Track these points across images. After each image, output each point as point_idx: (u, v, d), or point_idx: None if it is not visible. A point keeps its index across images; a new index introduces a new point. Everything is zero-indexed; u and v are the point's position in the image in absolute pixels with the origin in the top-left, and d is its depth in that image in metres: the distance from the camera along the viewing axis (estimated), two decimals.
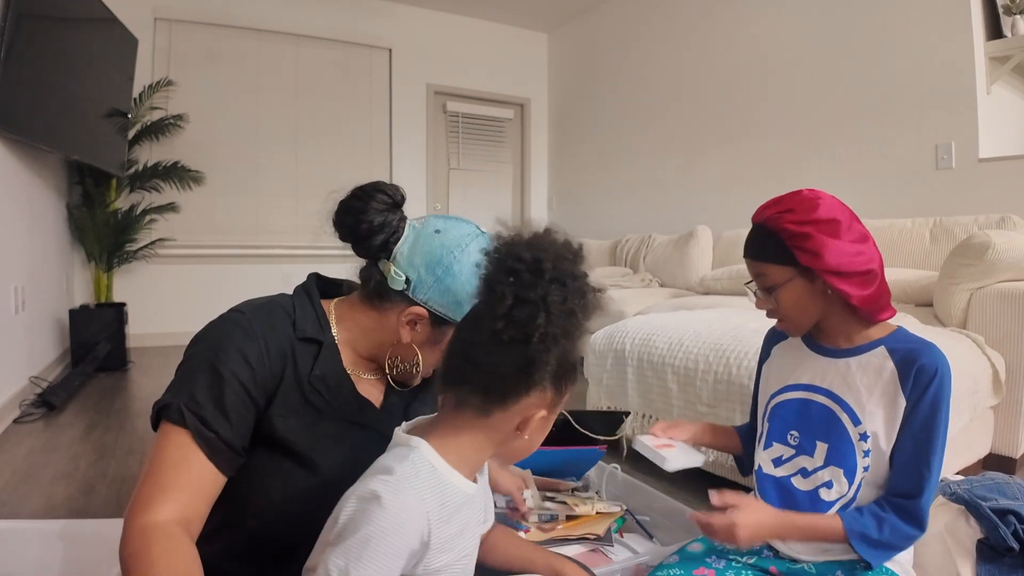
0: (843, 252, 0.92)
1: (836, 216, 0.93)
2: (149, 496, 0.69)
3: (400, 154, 5.25)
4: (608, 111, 5.17)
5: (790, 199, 0.96)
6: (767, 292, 0.99)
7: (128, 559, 0.66)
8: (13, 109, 2.52)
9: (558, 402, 0.70)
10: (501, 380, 0.65)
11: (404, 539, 0.61)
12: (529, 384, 0.65)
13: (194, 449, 0.72)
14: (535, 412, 0.67)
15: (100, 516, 1.56)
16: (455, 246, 0.82)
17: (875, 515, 0.91)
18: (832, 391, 1.00)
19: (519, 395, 0.66)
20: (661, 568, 1.01)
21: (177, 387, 0.75)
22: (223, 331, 0.78)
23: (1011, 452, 1.87)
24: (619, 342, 2.03)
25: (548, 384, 0.67)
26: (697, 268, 3.79)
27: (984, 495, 1.17)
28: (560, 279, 0.63)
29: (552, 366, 0.65)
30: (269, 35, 4.76)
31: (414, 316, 0.82)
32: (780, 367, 1.11)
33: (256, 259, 4.68)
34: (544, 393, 0.67)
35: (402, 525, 0.61)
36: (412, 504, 0.62)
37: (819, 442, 1.00)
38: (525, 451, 0.73)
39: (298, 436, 0.78)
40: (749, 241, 1.01)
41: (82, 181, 3.91)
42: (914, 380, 0.92)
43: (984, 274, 1.91)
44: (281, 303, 0.85)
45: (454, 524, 0.67)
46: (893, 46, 3.12)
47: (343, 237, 0.85)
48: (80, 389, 3.01)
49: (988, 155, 2.81)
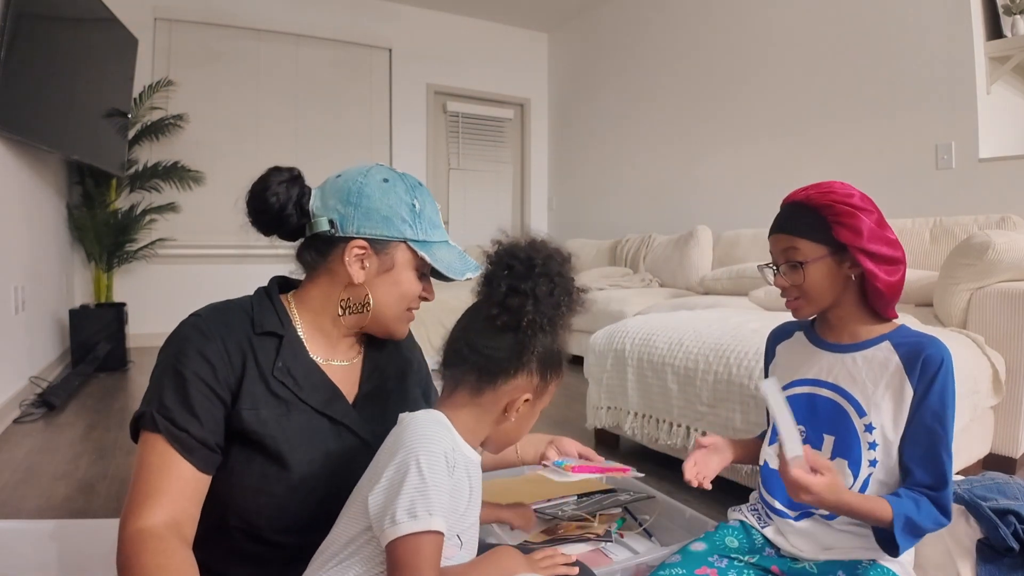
0: (879, 236, 0.96)
1: (872, 207, 0.98)
2: (137, 504, 0.72)
3: (400, 154, 5.25)
4: (608, 111, 5.17)
5: (828, 184, 0.99)
6: (792, 268, 0.99)
7: (122, 566, 0.69)
8: (13, 109, 2.52)
9: (543, 390, 0.78)
10: (494, 362, 0.74)
11: (443, 452, 0.69)
12: (518, 366, 0.74)
13: (171, 452, 0.75)
14: (521, 395, 0.76)
15: (100, 516, 1.56)
16: (357, 175, 0.87)
17: (912, 498, 0.91)
18: (838, 385, 1.01)
19: (508, 376, 0.75)
20: (663, 567, 1.01)
21: (148, 396, 0.79)
22: (182, 335, 0.81)
23: (1011, 452, 1.87)
24: (619, 342, 2.03)
25: (534, 369, 0.75)
26: (697, 268, 3.79)
27: (984, 495, 1.17)
28: (549, 275, 0.73)
29: (538, 352, 0.74)
30: (269, 35, 4.76)
31: (357, 250, 0.84)
32: (786, 364, 1.11)
33: (256, 259, 4.67)
34: (531, 378, 0.76)
35: (439, 443, 0.69)
36: (437, 432, 0.71)
37: (826, 435, 1.01)
38: (513, 436, 0.81)
39: (267, 428, 0.79)
40: (784, 217, 1.02)
41: (82, 181, 3.91)
42: (921, 370, 0.93)
43: (984, 274, 1.91)
44: (239, 303, 0.87)
45: (465, 482, 0.73)
46: (893, 46, 3.12)
47: (263, 226, 0.89)
48: (80, 389, 3.01)
49: (988, 155, 2.81)
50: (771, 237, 1.03)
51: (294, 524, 0.80)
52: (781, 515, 1.04)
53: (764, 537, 1.06)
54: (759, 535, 1.06)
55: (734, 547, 1.04)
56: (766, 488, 1.07)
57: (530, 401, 0.77)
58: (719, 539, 1.06)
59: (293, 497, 0.79)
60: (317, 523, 0.77)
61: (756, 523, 1.07)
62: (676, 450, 1.83)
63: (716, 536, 1.06)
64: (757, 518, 1.08)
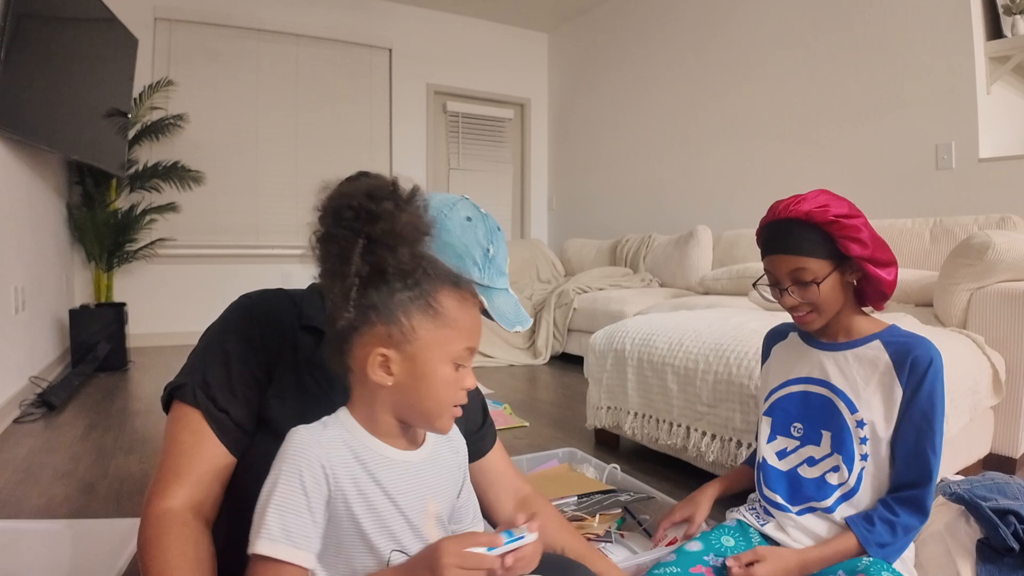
0: (877, 241, 0.98)
1: (860, 212, 1.00)
2: (166, 482, 0.73)
3: (400, 154, 5.25)
4: (608, 111, 5.16)
5: (817, 196, 0.99)
6: (803, 286, 0.99)
7: (144, 545, 0.69)
8: (13, 109, 2.51)
9: (404, 338, 0.66)
10: (333, 332, 0.67)
11: (309, 473, 0.64)
12: (349, 326, 0.65)
13: (206, 431, 0.75)
14: (371, 350, 0.66)
15: (100, 516, 1.56)
16: (443, 206, 0.88)
17: (886, 520, 0.95)
18: (830, 381, 1.03)
19: (346, 339, 0.67)
20: (659, 567, 1.01)
21: (189, 369, 0.79)
22: (230, 317, 0.83)
23: (1011, 452, 1.87)
24: (619, 342, 2.03)
25: (375, 319, 0.65)
26: (697, 268, 3.79)
27: (984, 495, 1.17)
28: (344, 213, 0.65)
29: (365, 302, 0.65)
30: (269, 35, 4.76)
31: None
32: (780, 364, 1.13)
33: (256, 259, 4.68)
34: (373, 329, 0.66)
35: (303, 463, 0.65)
36: (310, 448, 0.66)
37: (823, 431, 1.03)
38: (422, 403, 0.69)
39: (287, 420, 0.79)
40: (785, 237, 1.00)
41: (82, 181, 3.91)
42: (909, 371, 0.96)
43: (984, 274, 1.91)
44: (289, 293, 0.88)
45: (376, 484, 0.68)
46: (893, 46, 3.11)
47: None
48: (80, 389, 3.01)
49: (988, 155, 2.81)
50: (772, 258, 1.02)
51: None
52: (783, 509, 1.05)
53: (762, 535, 1.07)
54: (756, 534, 1.07)
55: (730, 546, 1.05)
56: (767, 484, 1.08)
57: (392, 353, 0.66)
58: (715, 539, 1.07)
59: None
60: None
61: (755, 521, 1.08)
62: (676, 450, 1.83)
63: (712, 536, 1.07)
64: (756, 516, 1.09)
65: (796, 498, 1.04)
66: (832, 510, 1.00)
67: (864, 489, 0.99)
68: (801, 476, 1.04)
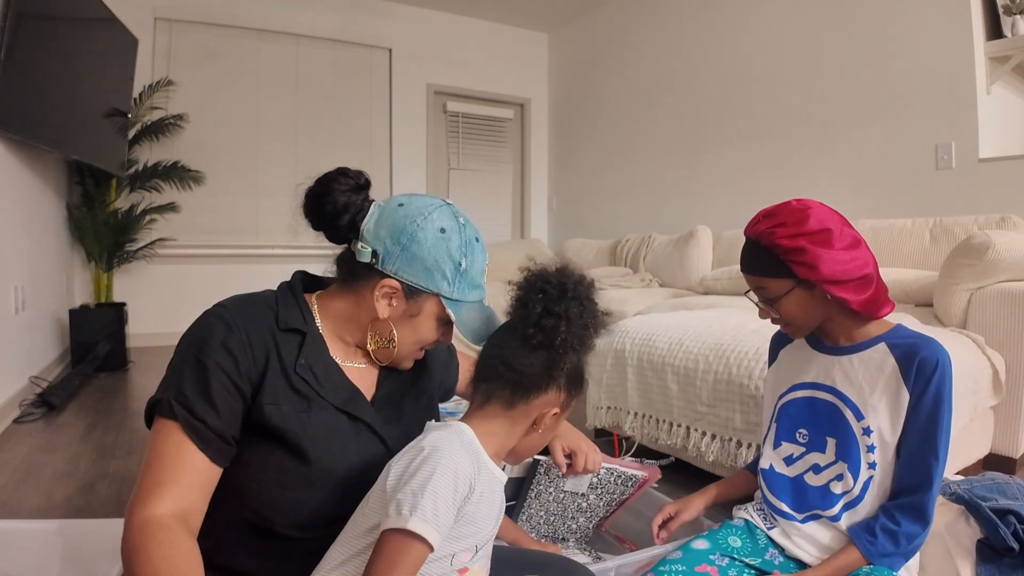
0: (838, 261, 0.92)
1: (827, 225, 0.94)
2: (147, 491, 0.72)
3: (400, 154, 5.25)
4: (608, 111, 5.16)
5: (780, 211, 0.97)
6: (767, 302, 1.00)
7: (128, 553, 0.68)
8: (13, 109, 2.51)
9: (568, 405, 0.83)
10: (528, 378, 0.78)
11: (461, 474, 0.71)
12: (548, 383, 0.79)
13: (186, 442, 0.74)
14: (550, 409, 0.81)
15: (100, 515, 1.56)
16: (418, 215, 0.85)
17: (887, 531, 0.93)
18: (835, 387, 1.01)
19: (539, 392, 0.79)
20: (664, 563, 1.01)
21: (166, 383, 0.78)
22: (205, 326, 0.81)
23: (1011, 452, 1.87)
24: (619, 342, 2.03)
25: (563, 385, 0.80)
26: (697, 268, 3.78)
27: (984, 495, 1.17)
28: (579, 299, 0.78)
29: (567, 369, 0.79)
30: (269, 35, 4.75)
31: (387, 289, 0.84)
32: (787, 369, 1.12)
33: (256, 259, 4.68)
34: (559, 394, 0.81)
35: (458, 462, 0.71)
36: (460, 451, 0.73)
37: (828, 438, 1.01)
38: (536, 447, 0.86)
39: (289, 423, 0.79)
40: (744, 256, 1.02)
41: (82, 181, 3.91)
42: (916, 373, 0.93)
43: (984, 274, 1.91)
44: (264, 297, 0.87)
45: (486, 498, 0.75)
46: (893, 46, 3.11)
47: (314, 224, 0.88)
48: (80, 389, 3.01)
49: (988, 155, 2.81)
50: (742, 273, 1.04)
51: (308, 519, 0.80)
52: (787, 517, 1.04)
53: (769, 538, 1.06)
54: (764, 536, 1.06)
55: (737, 547, 1.04)
56: (771, 491, 1.07)
57: (557, 415, 0.82)
58: (722, 537, 1.06)
59: (310, 492, 0.80)
60: (330, 519, 0.78)
61: (762, 524, 1.07)
62: (676, 450, 1.83)
63: (719, 534, 1.07)
64: (763, 519, 1.08)
65: (801, 506, 1.03)
66: (837, 519, 0.98)
67: (868, 498, 0.97)
68: (807, 483, 1.02)
